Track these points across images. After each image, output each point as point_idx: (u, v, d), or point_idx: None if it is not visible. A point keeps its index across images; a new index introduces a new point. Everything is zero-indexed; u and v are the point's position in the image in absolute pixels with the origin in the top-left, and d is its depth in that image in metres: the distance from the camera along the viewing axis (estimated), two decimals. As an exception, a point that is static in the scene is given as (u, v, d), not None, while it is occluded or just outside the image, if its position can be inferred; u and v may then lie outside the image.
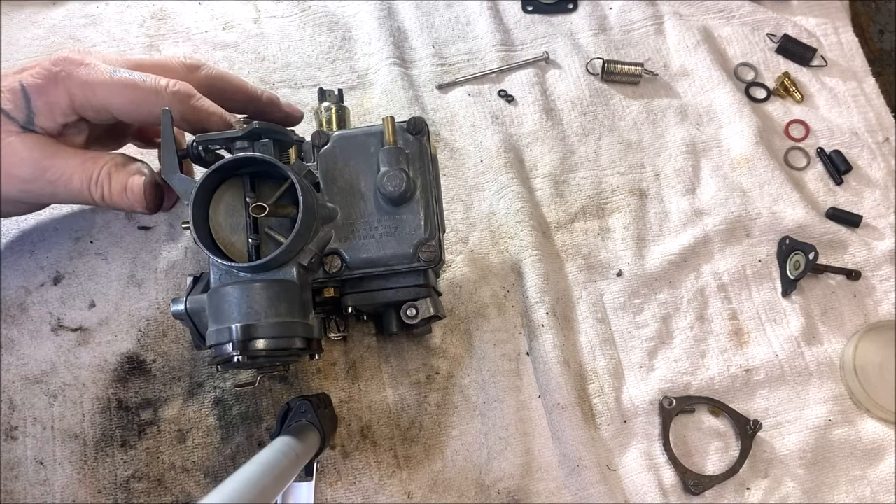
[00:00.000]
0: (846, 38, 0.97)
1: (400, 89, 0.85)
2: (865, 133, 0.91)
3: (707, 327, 0.80)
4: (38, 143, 0.58)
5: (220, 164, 0.56)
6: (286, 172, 0.56)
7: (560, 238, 0.82)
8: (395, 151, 0.61)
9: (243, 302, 0.55)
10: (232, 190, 0.59)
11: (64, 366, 0.70)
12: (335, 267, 0.60)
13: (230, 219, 0.59)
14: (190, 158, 0.60)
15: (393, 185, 0.59)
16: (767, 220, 0.84)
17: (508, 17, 0.93)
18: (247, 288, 0.55)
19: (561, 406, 0.72)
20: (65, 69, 0.57)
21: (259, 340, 0.54)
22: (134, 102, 0.59)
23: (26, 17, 0.86)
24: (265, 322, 0.54)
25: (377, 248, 0.61)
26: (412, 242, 0.61)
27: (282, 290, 0.56)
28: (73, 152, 0.60)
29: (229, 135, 0.59)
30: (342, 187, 0.62)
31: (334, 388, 0.72)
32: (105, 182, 0.59)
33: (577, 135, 0.87)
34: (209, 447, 0.69)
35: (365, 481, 0.69)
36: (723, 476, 0.73)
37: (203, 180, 0.56)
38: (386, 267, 0.61)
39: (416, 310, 0.62)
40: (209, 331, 0.56)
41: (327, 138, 0.63)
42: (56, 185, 0.59)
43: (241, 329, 0.53)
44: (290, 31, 0.89)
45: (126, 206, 0.61)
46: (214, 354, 0.56)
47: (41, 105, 0.57)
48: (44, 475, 0.67)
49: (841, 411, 0.77)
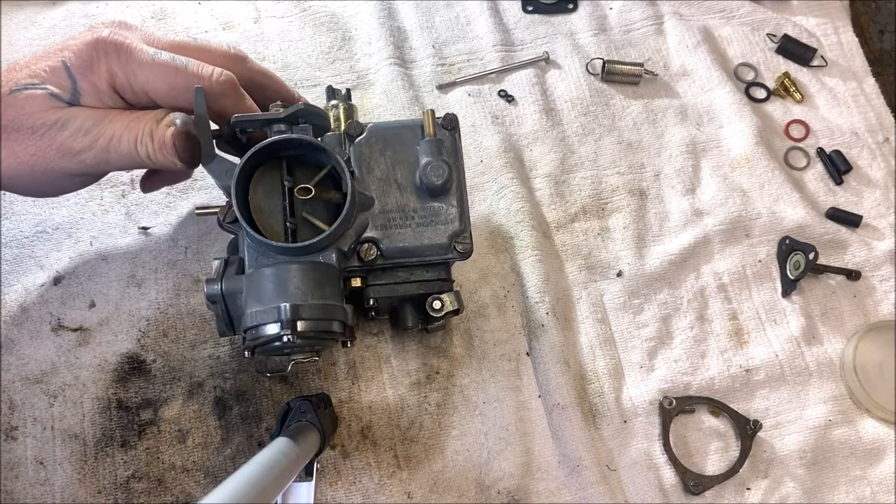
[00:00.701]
0: (846, 38, 0.97)
1: (400, 89, 0.85)
2: (865, 133, 0.91)
3: (707, 327, 0.80)
4: (84, 111, 0.57)
5: (268, 143, 0.56)
6: (332, 157, 0.56)
7: (560, 238, 0.82)
8: (438, 143, 0.62)
9: (290, 282, 0.54)
10: (269, 173, 0.59)
11: (64, 366, 0.70)
12: (371, 255, 0.60)
13: (268, 202, 0.59)
14: (224, 140, 0.59)
15: (436, 175, 0.60)
16: (767, 220, 0.84)
17: (508, 17, 0.93)
18: (292, 269, 0.55)
19: (561, 406, 0.72)
20: (106, 49, 0.56)
21: (305, 321, 0.53)
22: (175, 88, 0.58)
23: (26, 17, 0.86)
24: (311, 303, 0.54)
25: (414, 238, 0.61)
26: (448, 233, 0.62)
27: (324, 274, 0.56)
28: (118, 114, 0.58)
29: (270, 116, 0.59)
30: (378, 177, 0.62)
31: (334, 388, 0.72)
32: (148, 140, 0.57)
33: (577, 135, 0.87)
34: (209, 447, 0.69)
35: (365, 481, 0.69)
36: (723, 476, 0.73)
37: (247, 158, 0.55)
38: (420, 258, 0.62)
39: (442, 303, 0.63)
40: (249, 312, 0.55)
41: (362, 128, 0.63)
42: (108, 151, 0.58)
43: (290, 308, 0.52)
44: (290, 31, 0.89)
45: (168, 163, 0.58)
46: (253, 337, 0.55)
47: (86, 85, 0.57)
48: (44, 475, 0.67)
49: (841, 411, 0.77)
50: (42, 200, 0.76)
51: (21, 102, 0.55)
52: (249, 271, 0.57)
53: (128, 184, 0.78)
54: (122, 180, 0.78)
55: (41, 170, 0.57)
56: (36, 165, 0.57)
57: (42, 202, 0.76)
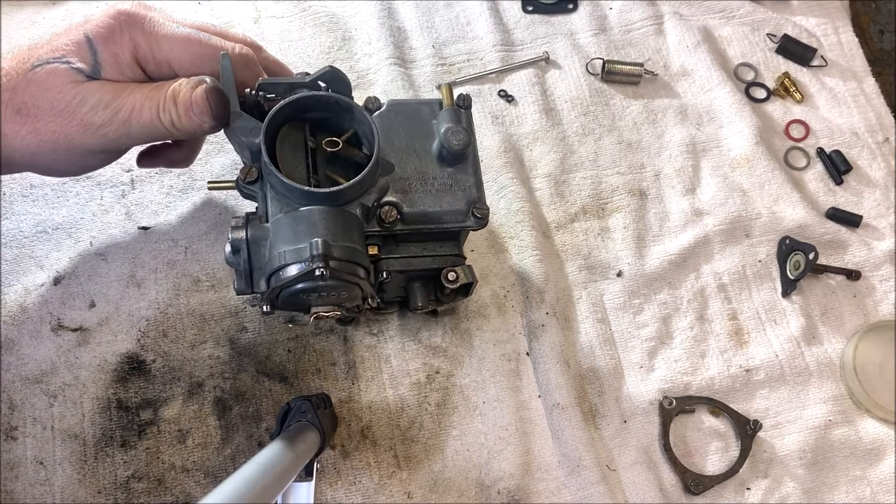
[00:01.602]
0: (846, 38, 0.97)
1: (400, 89, 0.85)
2: (865, 133, 0.91)
3: (707, 327, 0.80)
4: (103, 85, 0.57)
5: (299, 97, 0.57)
6: (363, 115, 0.58)
7: (560, 238, 0.82)
8: (457, 111, 0.63)
9: (320, 223, 0.55)
10: (293, 133, 0.60)
11: (64, 366, 0.70)
12: (392, 217, 0.61)
13: (292, 159, 0.59)
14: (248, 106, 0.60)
15: (457, 140, 0.61)
16: (767, 220, 0.84)
17: (508, 17, 0.93)
18: (323, 210, 0.55)
19: (561, 406, 0.72)
20: (130, 20, 0.57)
21: (334, 261, 0.53)
22: (198, 59, 0.58)
23: (26, 17, 0.86)
24: (340, 244, 0.54)
25: (434, 202, 0.62)
26: (466, 199, 0.63)
27: (351, 221, 0.57)
28: (137, 86, 0.58)
29: (295, 80, 0.60)
30: (396, 146, 0.64)
31: (334, 388, 0.72)
32: (171, 106, 0.57)
33: (577, 135, 0.87)
34: (209, 447, 0.69)
35: (365, 481, 0.69)
36: (723, 476, 0.73)
37: (277, 110, 0.56)
38: (438, 224, 0.63)
39: (457, 274, 0.64)
40: (277, 252, 0.54)
41: (381, 103, 0.65)
42: (130, 124, 0.57)
43: (322, 243, 0.52)
44: (290, 31, 0.89)
45: (195, 125, 0.58)
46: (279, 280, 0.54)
47: (107, 56, 0.57)
48: (44, 475, 0.67)
49: (841, 411, 0.77)
50: (42, 200, 0.76)
51: (42, 77, 0.55)
52: (282, 213, 0.57)
53: (128, 184, 0.78)
54: (122, 180, 0.78)
55: (63, 147, 0.57)
56: (57, 143, 0.57)
57: (42, 202, 0.76)
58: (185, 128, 0.58)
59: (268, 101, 0.60)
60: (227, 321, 0.73)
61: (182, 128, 0.58)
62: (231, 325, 0.73)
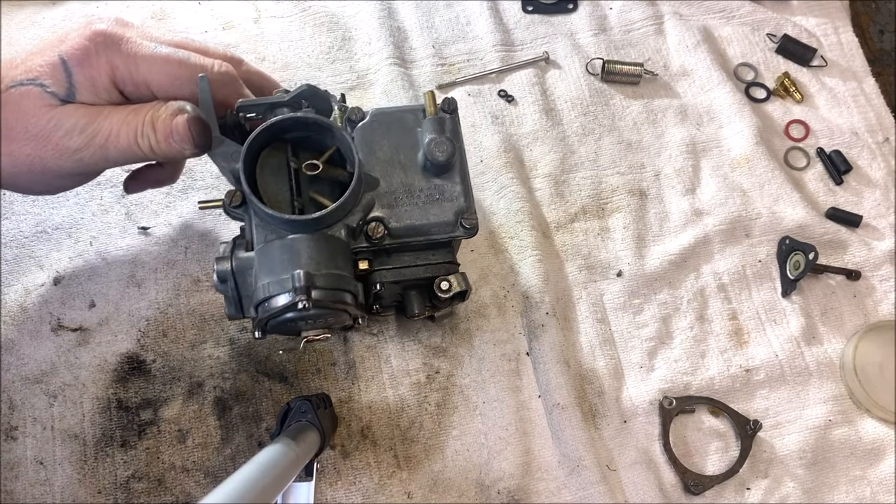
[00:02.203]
0: (846, 38, 0.97)
1: (400, 89, 0.85)
2: (865, 133, 0.91)
3: (707, 327, 0.80)
4: (78, 109, 0.56)
5: (274, 121, 0.56)
6: (341, 134, 0.57)
7: (560, 238, 0.82)
8: (440, 121, 0.62)
9: (302, 252, 0.54)
10: (275, 155, 0.59)
11: (64, 366, 0.70)
12: (379, 233, 0.61)
13: (274, 183, 0.59)
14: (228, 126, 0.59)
15: (440, 151, 0.60)
16: (767, 220, 0.84)
17: (508, 17, 0.93)
18: (305, 238, 0.55)
19: (561, 406, 0.72)
20: (106, 41, 0.56)
21: (318, 291, 0.53)
22: (177, 80, 0.57)
23: (26, 17, 0.86)
24: (324, 272, 0.54)
25: (421, 215, 0.62)
26: (454, 210, 0.62)
27: (335, 246, 0.57)
28: (114, 109, 0.57)
29: (274, 100, 0.59)
30: (381, 158, 0.63)
31: (334, 388, 0.72)
32: (150, 131, 0.57)
33: (577, 135, 0.87)
34: (209, 447, 0.69)
35: (365, 481, 0.69)
36: (723, 476, 0.73)
37: (256, 135, 0.55)
38: (427, 236, 0.62)
39: (450, 283, 0.63)
40: (261, 284, 0.55)
41: (364, 114, 0.64)
42: (107, 149, 0.57)
43: (304, 275, 0.52)
44: (290, 31, 0.89)
45: (175, 152, 0.58)
46: (265, 310, 0.54)
47: (83, 79, 0.56)
48: (44, 475, 0.67)
49: (841, 411, 0.77)
50: (42, 200, 0.76)
51: (16, 100, 0.54)
52: (265, 243, 0.57)
53: (128, 184, 0.78)
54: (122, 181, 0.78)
55: (38, 170, 0.57)
56: (33, 165, 0.56)
57: (42, 202, 0.76)
58: (165, 153, 0.57)
59: (248, 120, 0.59)
60: (227, 321, 0.73)
61: (161, 152, 0.57)
62: (231, 325, 0.73)
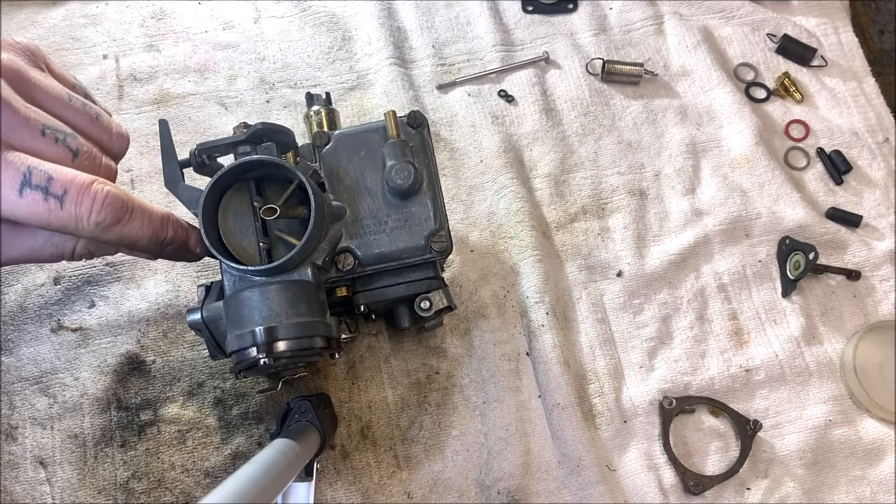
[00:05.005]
0: (846, 38, 0.97)
1: (400, 89, 0.85)
2: (865, 133, 0.91)
3: (707, 327, 0.80)
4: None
5: (228, 168, 0.55)
6: (294, 173, 0.56)
7: (560, 238, 0.82)
8: (401, 144, 0.61)
9: (263, 305, 0.54)
10: (238, 195, 0.59)
11: (64, 366, 0.70)
12: (348, 265, 0.60)
13: (239, 224, 0.58)
14: (193, 167, 0.59)
15: (401, 178, 0.59)
16: (767, 220, 0.84)
17: (508, 17, 0.93)
18: (265, 290, 0.55)
19: (561, 406, 0.72)
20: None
21: (282, 342, 0.53)
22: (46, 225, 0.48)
23: (26, 17, 0.86)
24: (287, 323, 0.54)
25: (389, 243, 0.61)
26: (423, 234, 0.61)
27: (300, 291, 0.56)
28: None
29: (232, 140, 0.58)
30: (348, 185, 0.62)
31: (334, 388, 0.72)
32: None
33: (577, 135, 0.87)
34: (209, 447, 0.69)
35: (365, 481, 0.69)
36: (723, 476, 0.73)
37: (211, 186, 0.55)
38: (398, 261, 0.61)
39: (430, 302, 0.62)
40: (229, 337, 0.55)
41: (328, 138, 0.63)
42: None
43: (264, 331, 0.53)
44: (290, 31, 0.89)
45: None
46: (236, 361, 0.55)
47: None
48: (44, 475, 0.67)
49: (841, 411, 0.77)
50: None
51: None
52: (229, 294, 0.57)
53: (128, 184, 0.78)
54: (122, 181, 0.78)
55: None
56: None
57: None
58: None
59: (211, 160, 0.59)
60: (227, 321, 0.73)
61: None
62: (231, 325, 0.73)
